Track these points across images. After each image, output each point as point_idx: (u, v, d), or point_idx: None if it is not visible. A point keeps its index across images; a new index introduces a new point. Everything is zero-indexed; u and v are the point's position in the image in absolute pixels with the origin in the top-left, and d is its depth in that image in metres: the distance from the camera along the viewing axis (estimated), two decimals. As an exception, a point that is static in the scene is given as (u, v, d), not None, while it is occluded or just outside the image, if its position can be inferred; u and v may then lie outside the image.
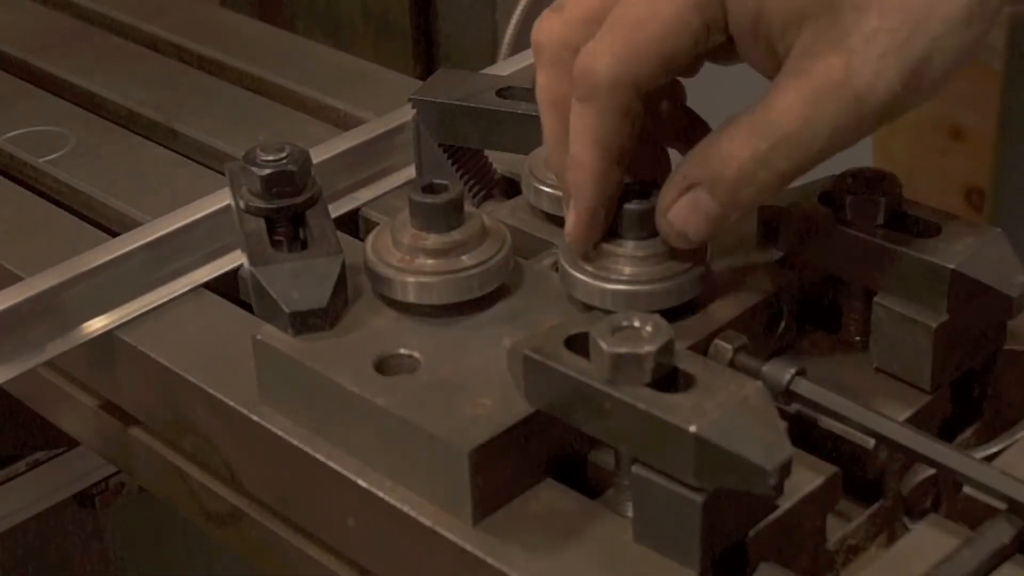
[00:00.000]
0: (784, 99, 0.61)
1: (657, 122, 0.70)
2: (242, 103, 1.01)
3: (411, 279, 0.68)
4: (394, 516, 0.64)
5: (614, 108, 0.64)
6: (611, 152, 0.65)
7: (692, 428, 0.56)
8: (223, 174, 0.79)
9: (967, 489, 0.61)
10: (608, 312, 0.62)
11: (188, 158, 0.94)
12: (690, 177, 0.64)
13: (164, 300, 0.78)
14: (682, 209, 0.65)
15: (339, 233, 0.72)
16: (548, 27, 0.67)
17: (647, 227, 0.67)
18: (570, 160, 0.66)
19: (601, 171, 0.65)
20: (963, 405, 0.71)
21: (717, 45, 0.64)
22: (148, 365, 0.75)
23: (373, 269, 0.69)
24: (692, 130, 0.70)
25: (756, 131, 0.62)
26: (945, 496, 0.66)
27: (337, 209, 0.84)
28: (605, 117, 0.64)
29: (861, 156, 0.67)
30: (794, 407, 0.66)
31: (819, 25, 0.60)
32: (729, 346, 0.66)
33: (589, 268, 0.68)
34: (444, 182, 0.69)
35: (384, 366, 0.66)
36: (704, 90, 0.73)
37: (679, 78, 0.71)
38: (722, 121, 0.64)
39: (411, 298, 0.68)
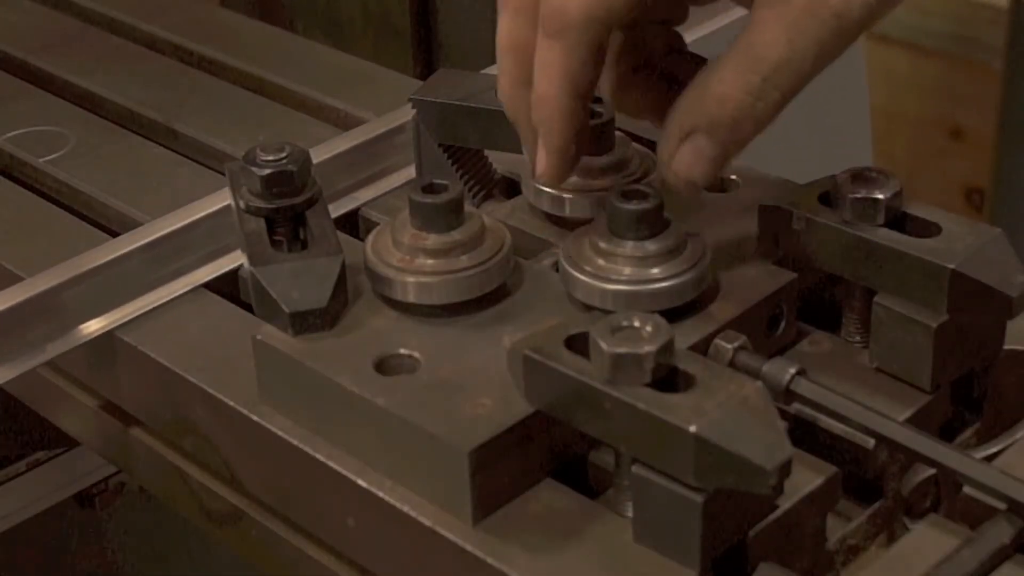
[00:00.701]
0: (766, 30, 0.62)
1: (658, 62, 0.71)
2: (242, 103, 1.01)
3: (411, 279, 0.68)
4: (394, 516, 0.64)
5: (585, 43, 0.65)
6: (579, 88, 0.66)
7: (692, 428, 0.56)
8: (223, 174, 0.79)
9: (967, 489, 0.61)
10: (608, 312, 0.62)
11: (188, 158, 0.94)
12: (686, 124, 0.65)
13: (164, 300, 0.78)
14: (685, 157, 0.66)
15: (339, 233, 0.72)
16: None
17: (647, 227, 0.67)
18: (536, 98, 0.67)
19: (570, 107, 0.66)
20: (963, 405, 0.71)
21: None
22: (148, 365, 0.75)
23: (373, 269, 0.69)
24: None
25: (745, 66, 0.63)
26: (945, 496, 0.66)
27: (337, 209, 0.84)
28: (575, 53, 0.65)
29: (861, 156, 0.67)
30: (794, 407, 0.66)
31: None
32: (729, 346, 0.66)
33: (589, 268, 0.68)
34: (444, 182, 0.69)
35: (384, 366, 0.66)
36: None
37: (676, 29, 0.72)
38: (707, 64, 0.65)
39: (411, 298, 0.68)
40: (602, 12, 0.64)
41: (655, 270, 0.67)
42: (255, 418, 0.69)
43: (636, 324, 0.59)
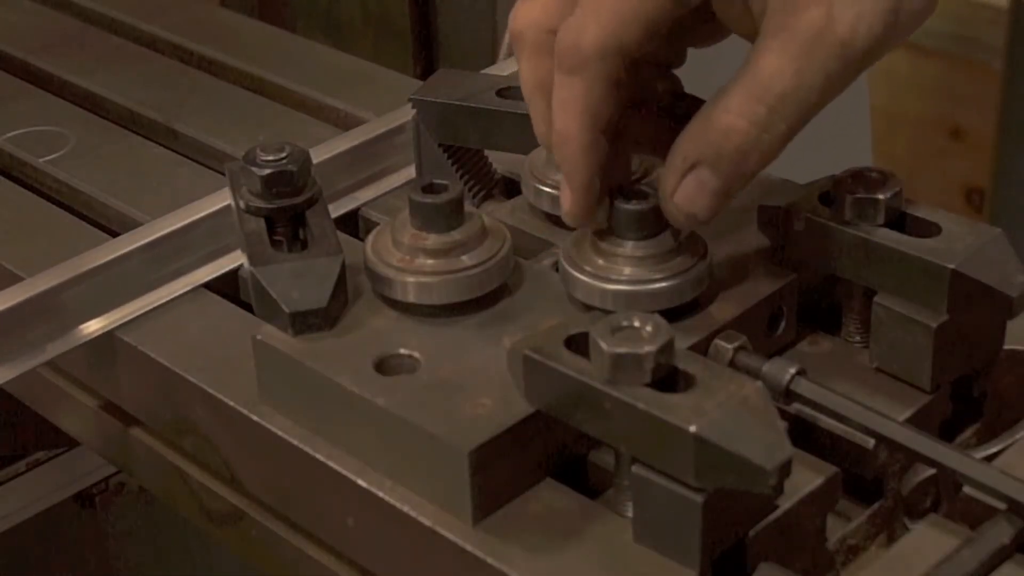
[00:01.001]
0: (771, 59, 0.61)
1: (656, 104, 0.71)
2: (242, 103, 1.01)
3: (411, 279, 0.68)
4: (394, 516, 0.64)
5: (603, 77, 0.64)
6: (599, 122, 0.65)
7: (692, 428, 0.56)
8: (223, 174, 0.79)
9: (967, 489, 0.61)
10: (608, 312, 0.62)
11: (188, 158, 0.94)
12: (690, 157, 0.64)
13: (164, 300, 0.78)
14: (687, 191, 0.65)
15: (339, 233, 0.72)
16: (526, 14, 0.67)
17: (647, 227, 0.67)
18: (556, 136, 0.66)
19: (590, 142, 0.65)
20: (963, 405, 0.71)
21: (696, 8, 0.64)
22: (148, 365, 0.75)
23: (373, 269, 0.69)
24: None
25: (751, 97, 0.62)
26: (945, 496, 0.66)
27: (337, 209, 0.84)
28: (593, 87, 0.64)
29: (861, 156, 0.67)
30: (794, 407, 0.66)
31: None
32: (729, 346, 0.66)
33: (589, 268, 0.68)
34: (444, 182, 0.69)
35: (384, 366, 0.66)
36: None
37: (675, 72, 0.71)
38: (711, 95, 0.64)
39: (411, 298, 0.68)
40: (616, 43, 0.63)
41: (655, 270, 0.67)
42: (255, 418, 0.69)
43: (636, 324, 0.59)
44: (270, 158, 0.72)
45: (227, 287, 0.79)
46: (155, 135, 0.98)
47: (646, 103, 0.70)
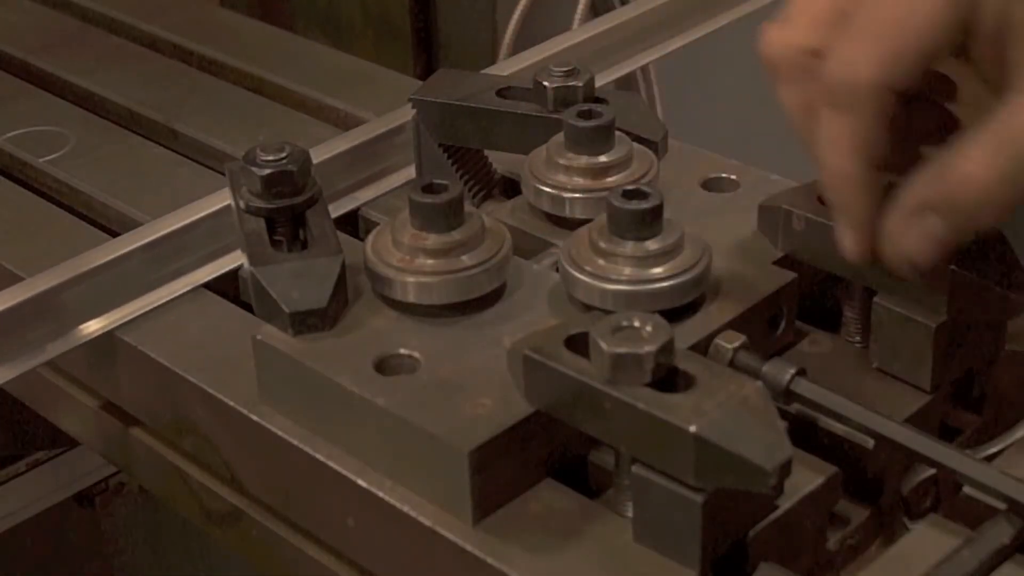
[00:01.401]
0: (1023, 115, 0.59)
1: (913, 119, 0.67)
2: (242, 103, 1.01)
3: (411, 279, 0.68)
4: (394, 516, 0.64)
5: (876, 114, 0.61)
6: (874, 159, 0.62)
7: (692, 428, 0.56)
8: (223, 174, 0.79)
9: (967, 489, 0.61)
10: (608, 312, 0.62)
11: (188, 158, 0.94)
12: (924, 200, 0.61)
13: (164, 300, 0.78)
14: (912, 236, 0.62)
15: (339, 233, 0.72)
16: (781, 39, 0.64)
17: (647, 227, 0.67)
18: (828, 174, 0.63)
19: (866, 180, 0.62)
20: (963, 405, 0.71)
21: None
22: (148, 365, 0.75)
23: (373, 269, 0.69)
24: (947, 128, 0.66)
25: (997, 150, 0.59)
26: (945, 496, 0.66)
27: (337, 209, 0.84)
28: (867, 124, 0.61)
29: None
30: (794, 407, 0.66)
31: None
32: (729, 346, 0.66)
33: (589, 268, 0.68)
34: (444, 182, 0.69)
35: (384, 366, 0.66)
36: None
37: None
38: (955, 140, 0.61)
39: (411, 298, 0.68)
40: (890, 81, 0.60)
41: (655, 270, 0.67)
42: (255, 418, 0.69)
43: (636, 324, 0.59)
44: (270, 158, 0.72)
45: (227, 287, 0.79)
46: (155, 135, 0.98)
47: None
